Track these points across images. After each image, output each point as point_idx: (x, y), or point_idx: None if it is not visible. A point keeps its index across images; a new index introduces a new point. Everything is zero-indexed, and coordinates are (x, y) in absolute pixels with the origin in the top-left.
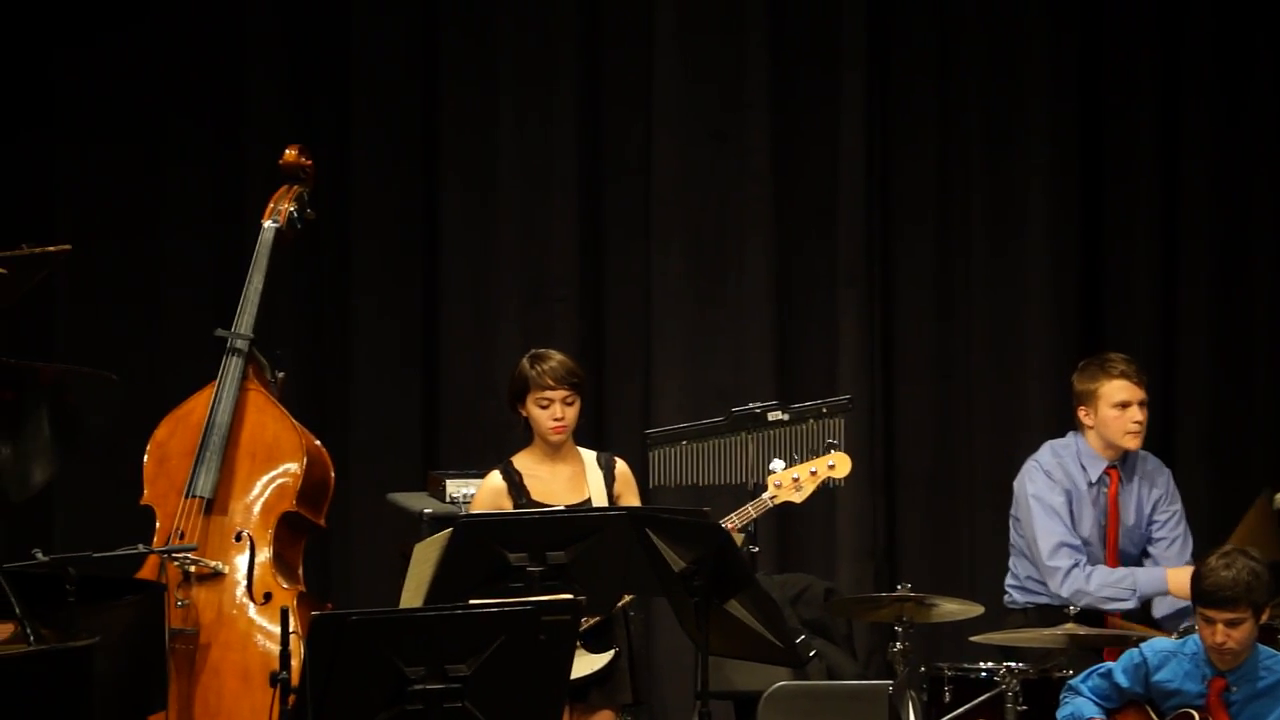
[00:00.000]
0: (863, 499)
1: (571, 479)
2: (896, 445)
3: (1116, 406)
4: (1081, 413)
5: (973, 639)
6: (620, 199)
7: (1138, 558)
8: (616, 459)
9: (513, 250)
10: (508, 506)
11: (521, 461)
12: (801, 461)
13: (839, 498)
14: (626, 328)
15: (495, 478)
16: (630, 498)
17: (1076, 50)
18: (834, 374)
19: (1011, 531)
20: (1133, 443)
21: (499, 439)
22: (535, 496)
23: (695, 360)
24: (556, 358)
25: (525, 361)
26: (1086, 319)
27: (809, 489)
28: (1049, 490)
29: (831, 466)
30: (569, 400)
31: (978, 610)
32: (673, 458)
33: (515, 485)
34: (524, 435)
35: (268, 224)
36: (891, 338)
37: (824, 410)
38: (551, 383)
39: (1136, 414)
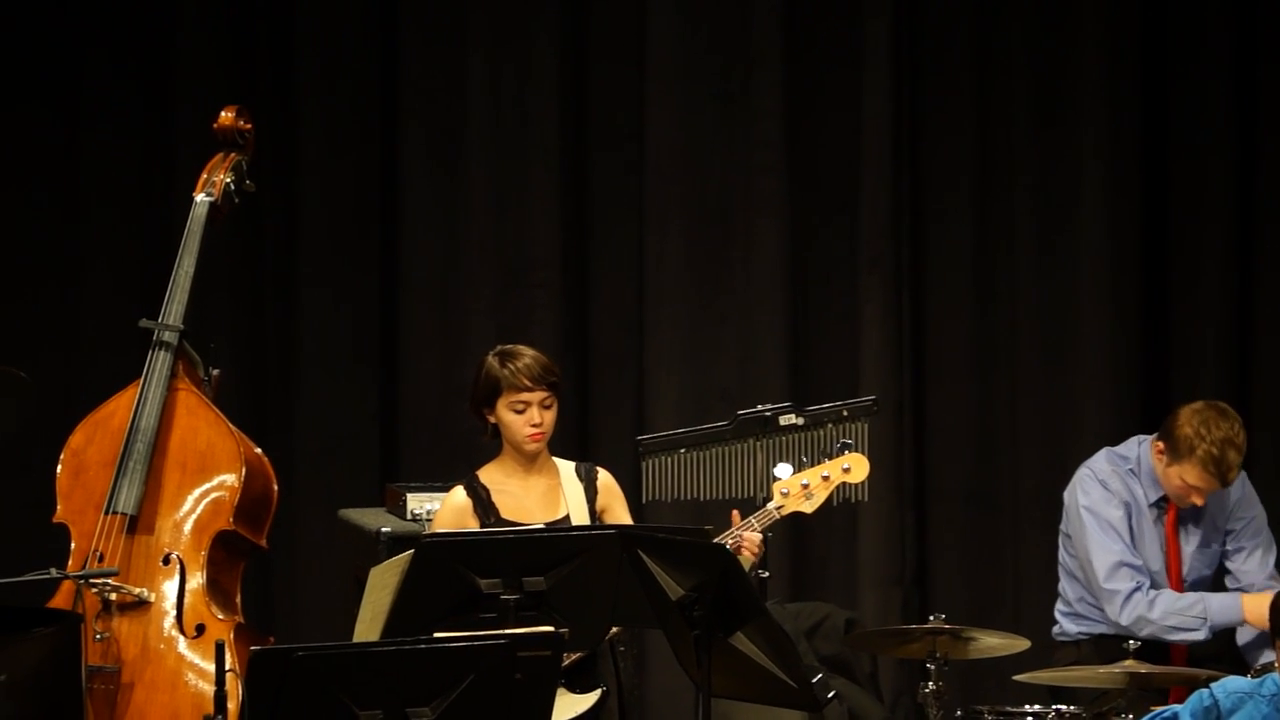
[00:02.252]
0: (889, 516)
1: (546, 493)
2: (928, 454)
3: (1186, 485)
4: (1158, 446)
5: (1017, 678)
6: (609, 171)
7: (1213, 580)
8: (598, 469)
9: (484, 231)
10: (472, 526)
11: (489, 475)
12: (811, 465)
13: (862, 514)
14: (616, 320)
15: (458, 494)
16: (618, 510)
17: (1139, 4)
18: (856, 372)
19: (1061, 550)
20: (1184, 505)
21: (467, 447)
22: (505, 514)
23: (695, 357)
24: (529, 354)
25: (493, 360)
26: (1148, 310)
27: (821, 497)
28: (1105, 503)
29: (846, 470)
30: (546, 403)
31: (1023, 645)
32: (669, 468)
33: (482, 503)
34: (491, 444)
35: (200, 198)
36: (922, 330)
37: (844, 413)
38: (528, 383)
39: (1198, 501)
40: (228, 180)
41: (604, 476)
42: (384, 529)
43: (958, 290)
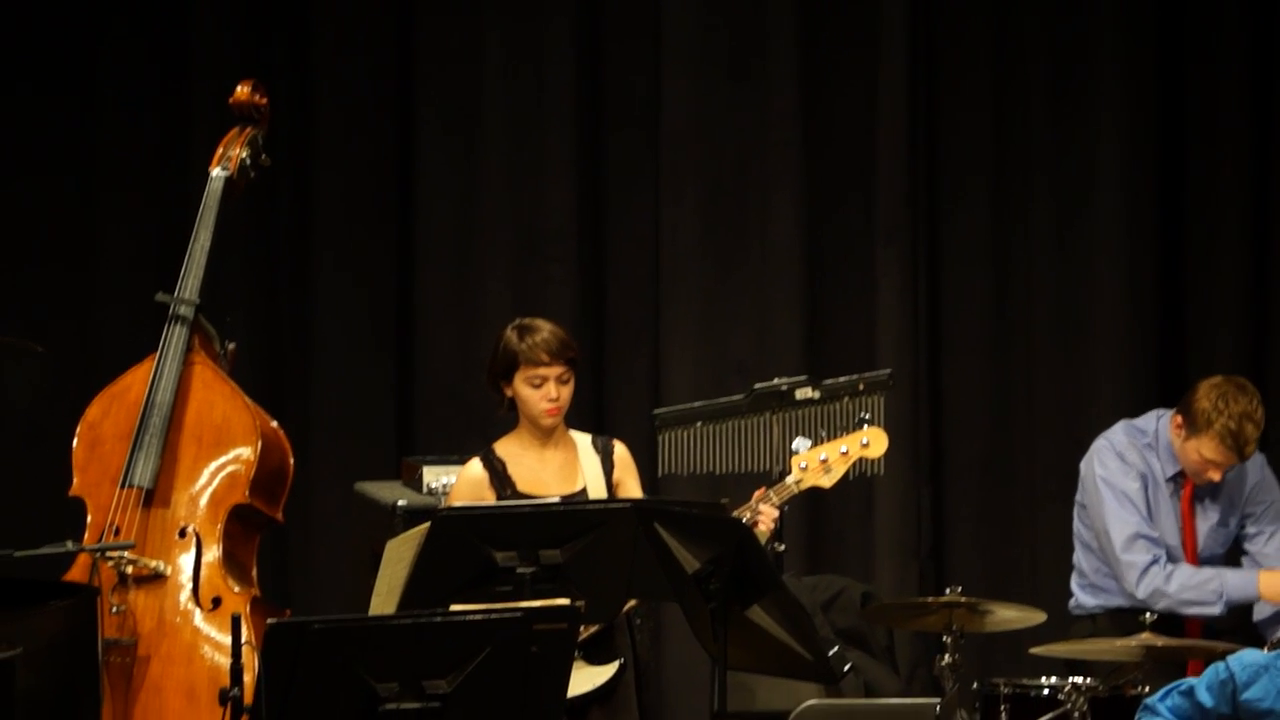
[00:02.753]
0: (906, 489)
1: (563, 467)
2: (945, 427)
3: (1204, 460)
4: (1176, 420)
5: (1033, 651)
6: (625, 145)
7: (1225, 558)
8: (615, 442)
9: (500, 204)
10: (489, 499)
11: (505, 448)
12: (830, 439)
13: (878, 488)
14: (632, 293)
15: (474, 467)
16: (631, 484)
17: None
18: (872, 345)
19: (1076, 522)
20: (1200, 482)
21: (483, 420)
22: (522, 488)
23: (711, 330)
24: (548, 328)
25: (511, 333)
26: (1165, 287)
27: (839, 471)
28: (1122, 474)
29: (865, 445)
30: (564, 377)
31: (1039, 618)
32: (685, 442)
33: (498, 475)
34: (507, 417)
35: (216, 172)
36: (939, 304)
37: (861, 387)
38: (546, 358)
39: (1215, 476)
40: (243, 155)
41: (620, 449)
42: (400, 502)
43: (974, 264)
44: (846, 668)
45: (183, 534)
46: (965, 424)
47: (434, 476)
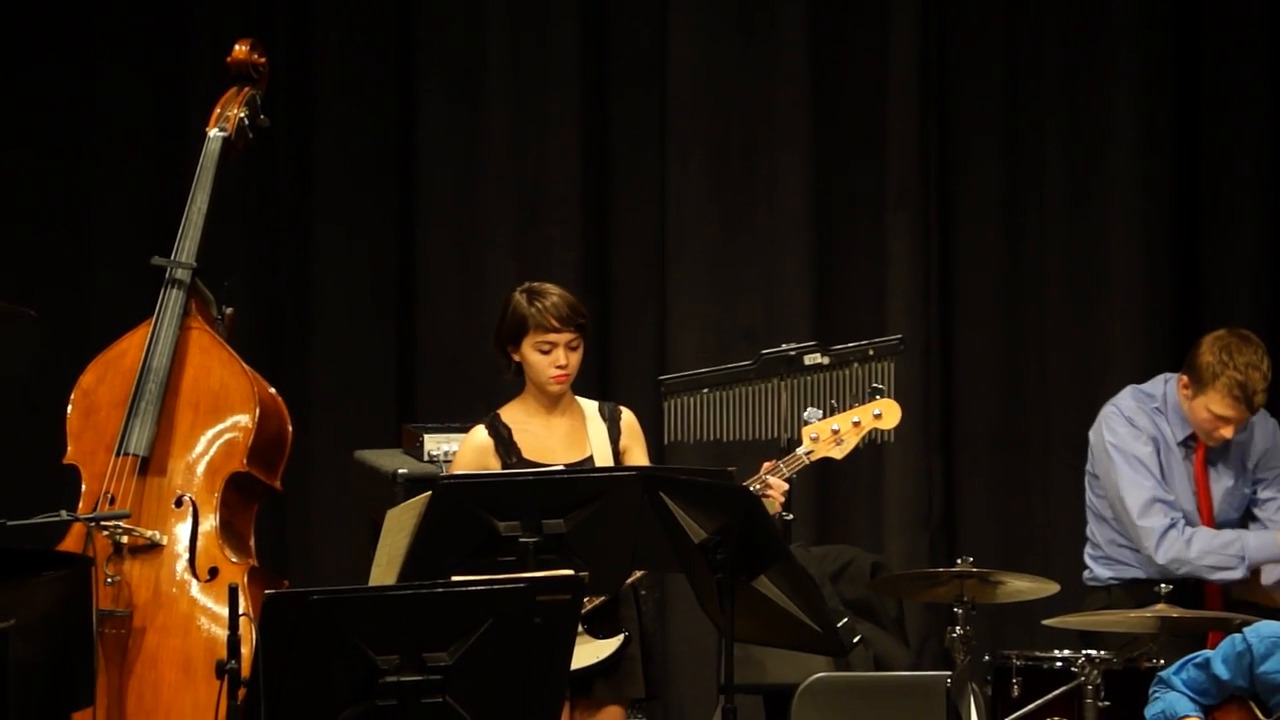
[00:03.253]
0: (916, 458)
1: (570, 434)
2: (956, 395)
3: (1214, 416)
4: (1182, 380)
5: (1046, 622)
6: (630, 106)
7: (1238, 522)
8: (622, 408)
9: (503, 166)
10: (494, 467)
11: (511, 414)
12: (842, 410)
13: (888, 456)
14: (637, 258)
15: (479, 433)
16: (638, 452)
17: None
18: (882, 310)
19: (1088, 492)
20: (1212, 443)
21: (486, 387)
22: (527, 455)
23: (719, 295)
24: (557, 293)
25: (520, 297)
26: (1180, 250)
27: (851, 442)
28: (1133, 439)
29: (877, 416)
30: (573, 344)
31: (1052, 588)
32: (691, 409)
33: (504, 442)
34: (513, 383)
35: (214, 133)
36: (950, 268)
37: (871, 352)
38: (555, 323)
39: (1227, 433)
40: (242, 115)
41: (627, 416)
42: (400, 470)
43: (986, 227)
44: (855, 640)
45: (179, 503)
46: (977, 391)
47: (435, 444)
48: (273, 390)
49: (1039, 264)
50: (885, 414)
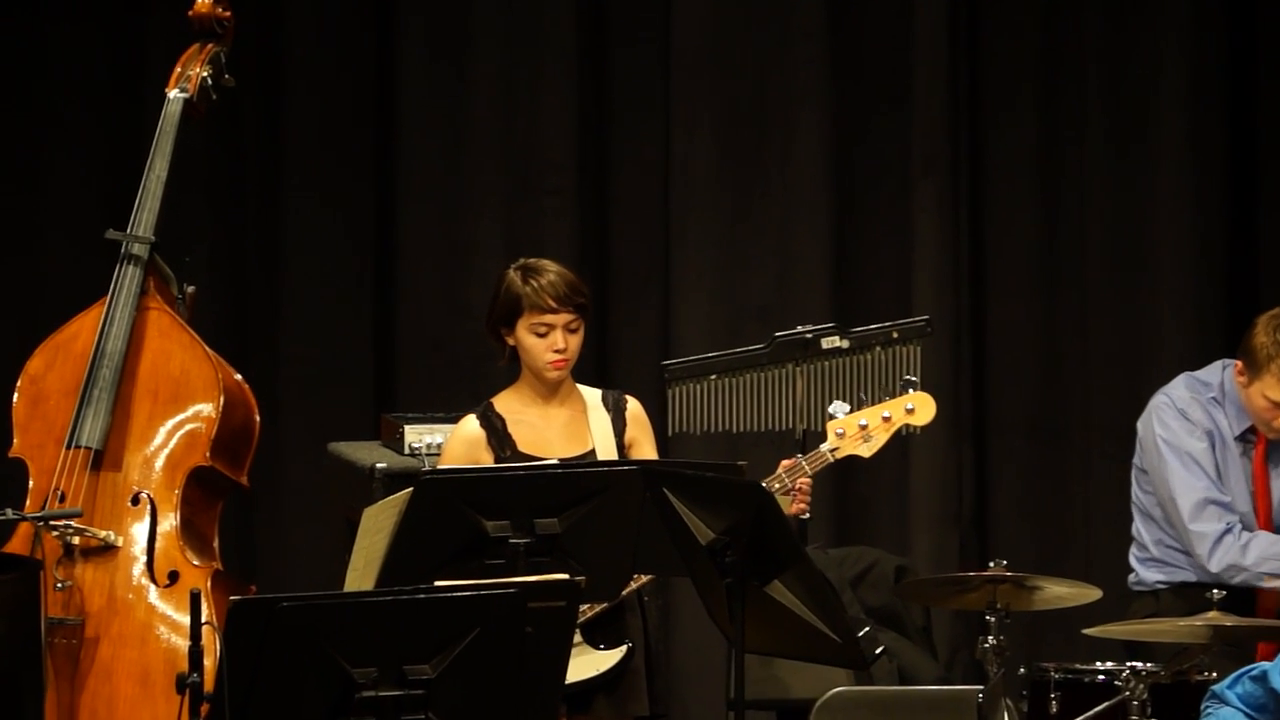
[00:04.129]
0: (945, 450)
1: (569, 425)
2: (989, 380)
3: (1271, 404)
4: (1238, 365)
5: (1087, 632)
6: (631, 65)
7: None
8: (627, 397)
9: (491, 131)
10: (486, 461)
11: (505, 403)
12: (871, 404)
13: (914, 448)
14: (638, 230)
15: (470, 424)
16: (646, 445)
17: None
18: (908, 289)
19: (1135, 488)
20: (1272, 435)
21: (473, 373)
22: (523, 448)
23: (727, 272)
24: (555, 270)
25: (514, 275)
26: (1234, 217)
27: (880, 440)
28: (1186, 434)
29: (910, 410)
30: (572, 326)
31: (1094, 594)
32: (698, 397)
33: (497, 433)
34: (508, 369)
35: (174, 94)
36: (982, 241)
37: (895, 335)
38: (552, 303)
39: None
40: (204, 74)
41: (633, 406)
42: (379, 465)
43: (1022, 196)
44: (878, 651)
45: (136, 500)
46: (1012, 376)
47: (417, 436)
48: (239, 376)
49: (1079, 236)
50: (918, 409)
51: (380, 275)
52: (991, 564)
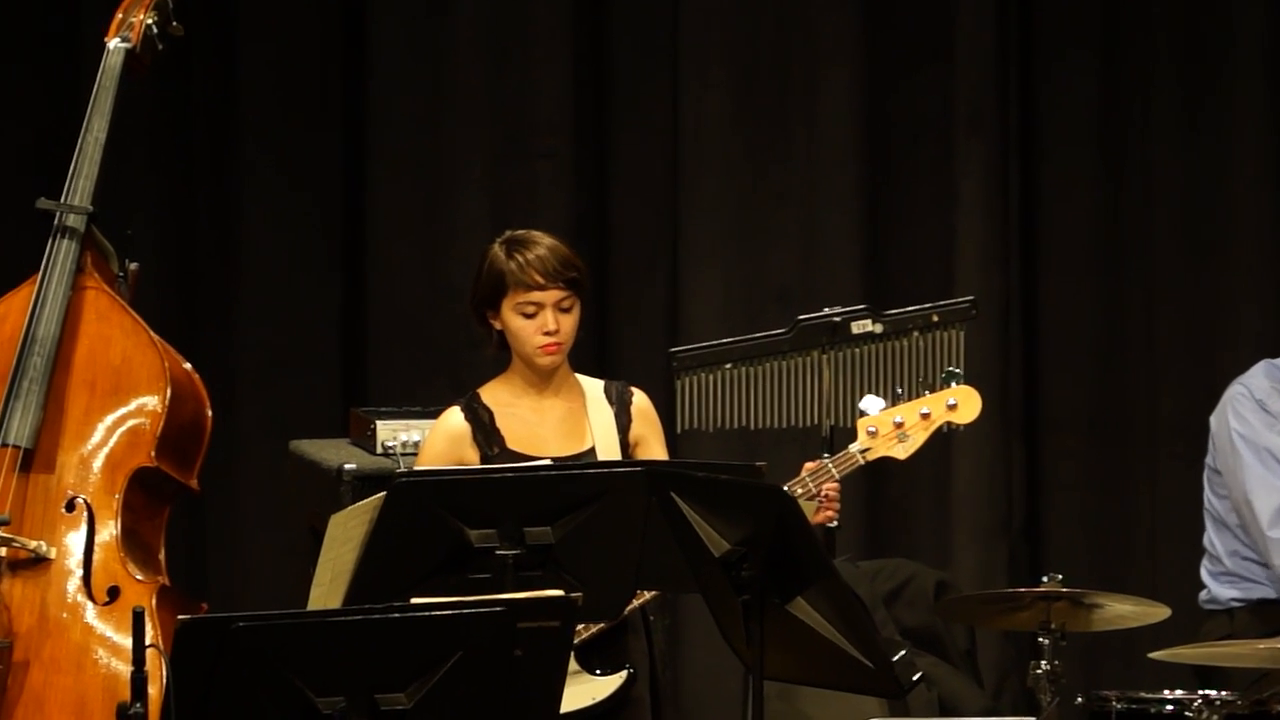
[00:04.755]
0: (992, 448)
1: (566, 420)
2: (1041, 369)
3: None
4: None
5: (1153, 655)
6: (634, 12)
7: None
8: (633, 390)
9: (475, 84)
10: (471, 460)
11: (494, 395)
12: (908, 399)
13: (956, 446)
14: (643, 199)
15: (453, 417)
16: (654, 444)
17: None
18: (949, 265)
19: (1207, 491)
20: None
21: (454, 362)
22: (513, 444)
23: (745, 246)
24: (545, 243)
25: (499, 250)
26: None
27: (919, 440)
28: (1265, 428)
29: (952, 407)
30: (564, 304)
31: (1161, 613)
32: (710, 389)
33: (483, 428)
34: (497, 358)
35: (114, 44)
36: (1034, 213)
37: (935, 318)
38: (540, 279)
39: None
40: (149, 21)
41: (639, 399)
42: (348, 465)
43: (1079, 160)
44: (915, 678)
45: (70, 506)
46: (1067, 365)
47: (390, 433)
48: (188, 366)
49: (1144, 206)
50: (962, 405)
51: (349, 250)
52: (1045, 579)
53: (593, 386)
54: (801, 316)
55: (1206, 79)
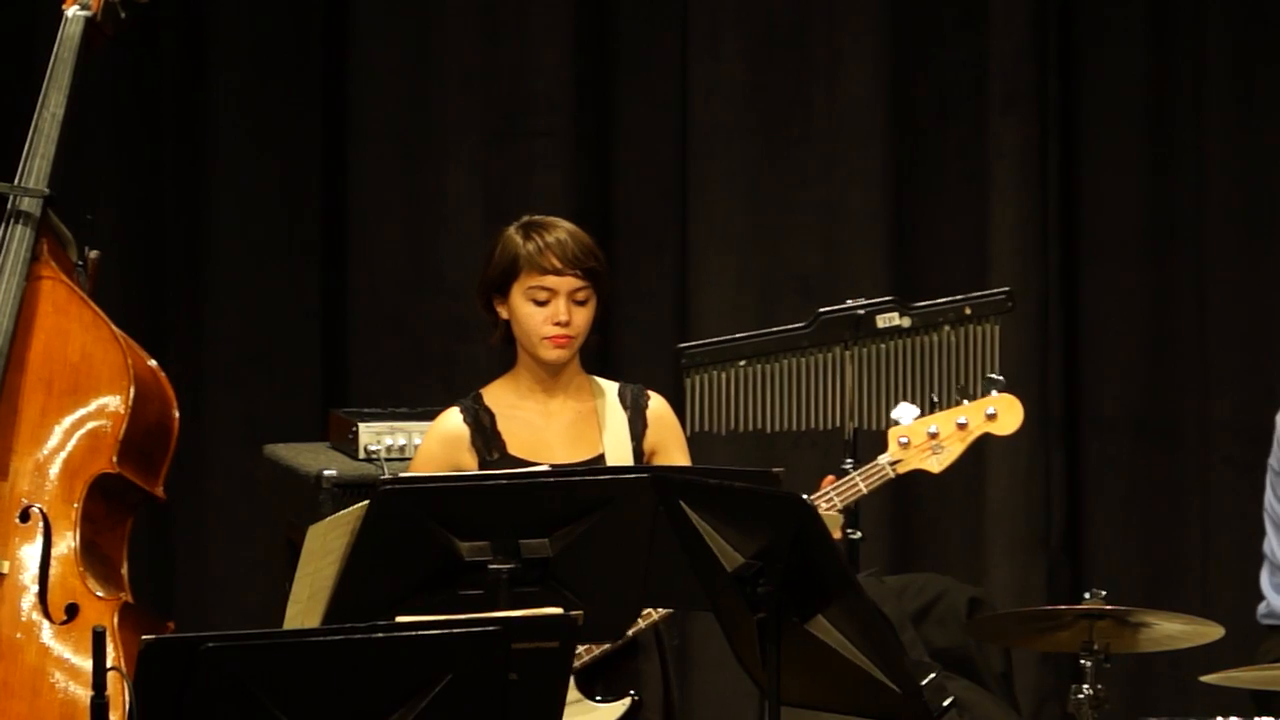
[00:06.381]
0: (1030, 453)
1: (575, 424)
2: (1083, 367)
3: None
4: None
5: (1206, 679)
6: None
7: None
8: (650, 393)
9: (466, 57)
10: (468, 466)
11: (496, 395)
12: (945, 407)
13: (992, 453)
14: (649, 181)
15: (452, 418)
16: (674, 452)
17: None
18: (983, 254)
19: (1269, 494)
20: None
21: (443, 359)
22: (515, 450)
23: (760, 232)
24: (566, 228)
25: (515, 232)
26: None
27: (954, 452)
28: None
29: (991, 417)
30: (580, 295)
31: (1215, 632)
32: (723, 388)
33: (484, 431)
34: (503, 355)
35: (72, 12)
36: (1077, 197)
37: (967, 311)
38: (556, 263)
39: None
40: None
41: (656, 404)
42: (327, 471)
43: (1125, 139)
44: (947, 703)
45: (25, 516)
46: (1112, 361)
47: (373, 436)
48: (153, 363)
49: (1196, 189)
50: (1002, 414)
51: (328, 237)
52: (1087, 595)
53: (607, 388)
54: (822, 309)
55: (1267, 50)
